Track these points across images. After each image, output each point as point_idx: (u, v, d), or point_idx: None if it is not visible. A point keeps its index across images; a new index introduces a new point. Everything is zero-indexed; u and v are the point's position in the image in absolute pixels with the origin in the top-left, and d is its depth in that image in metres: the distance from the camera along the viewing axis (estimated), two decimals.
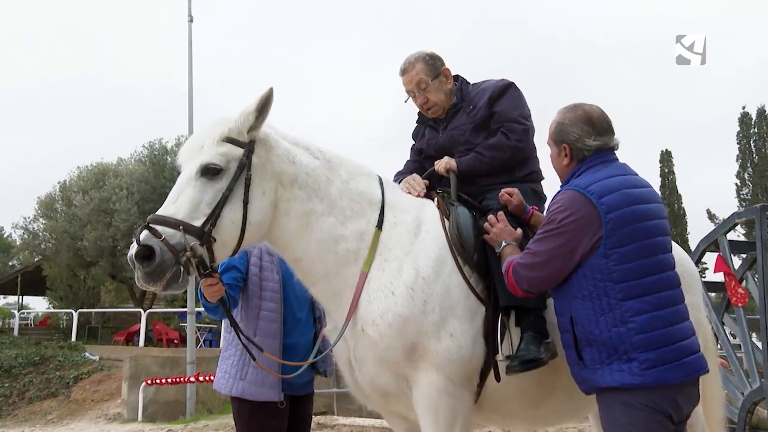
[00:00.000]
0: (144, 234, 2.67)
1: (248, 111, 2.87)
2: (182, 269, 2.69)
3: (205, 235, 2.72)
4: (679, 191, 41.16)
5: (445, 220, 3.18)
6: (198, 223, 2.73)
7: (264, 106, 2.88)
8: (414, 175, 3.52)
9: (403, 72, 3.57)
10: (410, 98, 3.64)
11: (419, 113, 3.76)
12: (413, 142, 3.90)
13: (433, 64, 3.55)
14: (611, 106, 2.92)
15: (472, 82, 3.69)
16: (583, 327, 2.59)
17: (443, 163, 3.46)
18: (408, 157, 3.88)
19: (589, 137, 2.76)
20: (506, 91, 3.48)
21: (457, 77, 3.68)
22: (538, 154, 3.59)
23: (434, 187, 3.46)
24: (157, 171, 25.69)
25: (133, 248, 2.67)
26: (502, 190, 3.24)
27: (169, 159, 24.96)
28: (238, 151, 2.87)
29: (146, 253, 2.64)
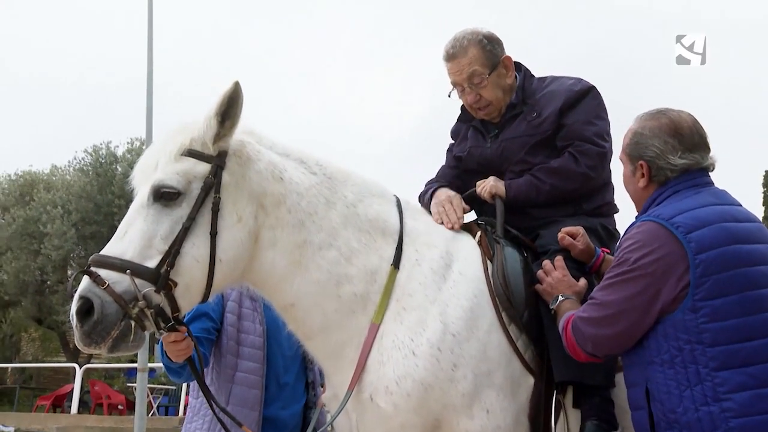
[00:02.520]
0: (83, 283, 2.70)
1: (209, 115, 2.89)
2: (133, 324, 2.71)
3: (161, 278, 2.74)
4: None
5: (488, 261, 3.18)
6: (152, 263, 2.75)
7: (230, 107, 2.88)
8: (452, 194, 3.46)
9: (451, 57, 3.52)
10: (456, 91, 3.60)
11: (463, 107, 3.72)
12: (451, 141, 3.88)
13: (491, 50, 3.51)
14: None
15: (537, 76, 3.65)
16: (663, 403, 2.57)
17: (488, 186, 3.43)
18: (443, 162, 3.86)
19: (674, 153, 2.76)
20: (583, 98, 3.44)
21: (519, 67, 3.64)
22: (613, 178, 3.55)
23: (475, 212, 3.46)
24: (103, 184, 25.77)
25: (74, 302, 2.69)
26: (563, 230, 3.21)
27: (120, 168, 25.09)
28: (203, 168, 2.89)
29: (84, 308, 2.67)
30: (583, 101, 3.43)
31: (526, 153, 3.45)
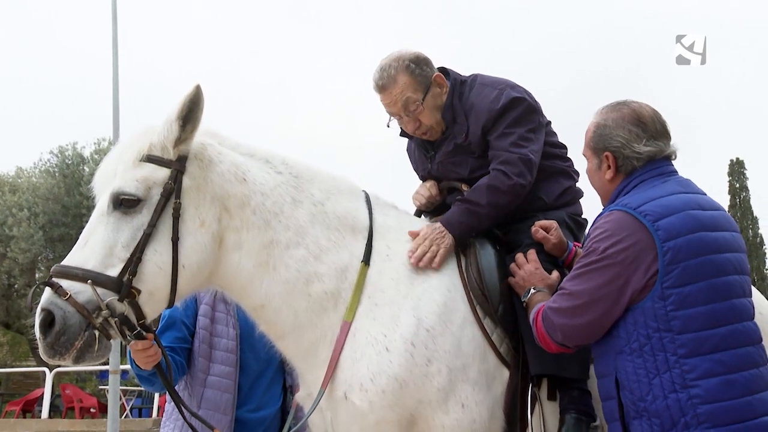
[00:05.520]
0: (45, 294, 2.69)
1: (170, 119, 2.87)
2: (98, 334, 2.70)
3: (123, 287, 2.73)
4: (755, 213, 41.49)
5: (461, 256, 3.19)
6: (113, 272, 2.74)
7: (191, 111, 2.87)
8: (429, 183, 3.51)
9: (382, 89, 3.41)
10: (394, 120, 3.51)
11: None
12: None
13: (421, 73, 3.40)
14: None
15: (469, 79, 3.54)
16: (632, 392, 2.59)
17: (434, 248, 3.16)
18: None
19: (639, 141, 2.78)
20: (502, 114, 3.32)
21: (446, 73, 3.53)
22: (570, 154, 3.55)
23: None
24: (71, 185, 25.50)
25: (37, 315, 2.68)
26: (536, 224, 3.21)
27: (87, 169, 24.80)
28: (163, 173, 2.87)
29: (47, 320, 2.66)
30: (501, 118, 3.32)
31: (469, 172, 3.42)
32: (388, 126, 3.57)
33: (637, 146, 2.78)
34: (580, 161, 3.41)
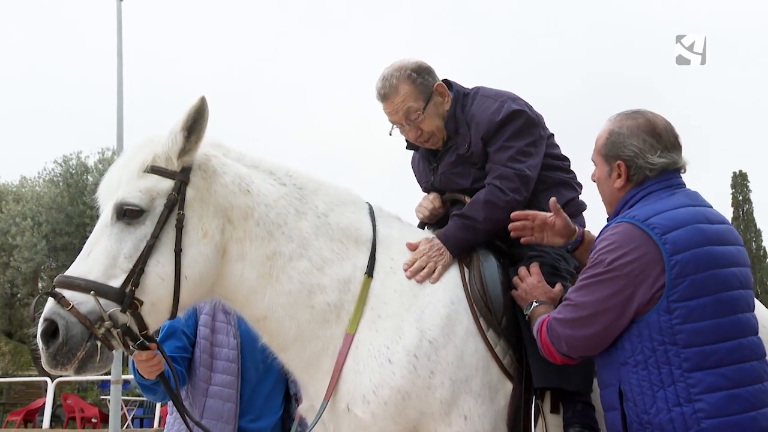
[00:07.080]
0: (48, 304, 2.70)
1: (175, 130, 2.87)
2: (100, 344, 2.71)
3: (126, 298, 2.73)
4: (758, 225, 41.49)
5: (464, 268, 3.19)
6: (116, 283, 2.74)
7: (195, 122, 2.86)
8: (432, 195, 3.52)
9: (384, 98, 3.44)
10: (396, 129, 3.53)
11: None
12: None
13: (423, 82, 3.42)
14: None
15: (472, 91, 3.55)
16: (636, 404, 2.58)
17: (431, 263, 3.19)
18: None
19: (653, 152, 2.77)
20: (502, 127, 3.33)
21: (449, 84, 3.56)
22: (572, 155, 3.55)
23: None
24: (74, 195, 25.58)
25: (39, 325, 2.69)
26: (552, 199, 3.17)
27: (91, 179, 24.89)
28: (166, 184, 2.87)
29: (49, 330, 2.66)
30: (501, 130, 3.33)
31: (471, 183, 3.43)
32: (390, 134, 3.58)
33: (651, 157, 2.77)
34: (581, 172, 3.41)
